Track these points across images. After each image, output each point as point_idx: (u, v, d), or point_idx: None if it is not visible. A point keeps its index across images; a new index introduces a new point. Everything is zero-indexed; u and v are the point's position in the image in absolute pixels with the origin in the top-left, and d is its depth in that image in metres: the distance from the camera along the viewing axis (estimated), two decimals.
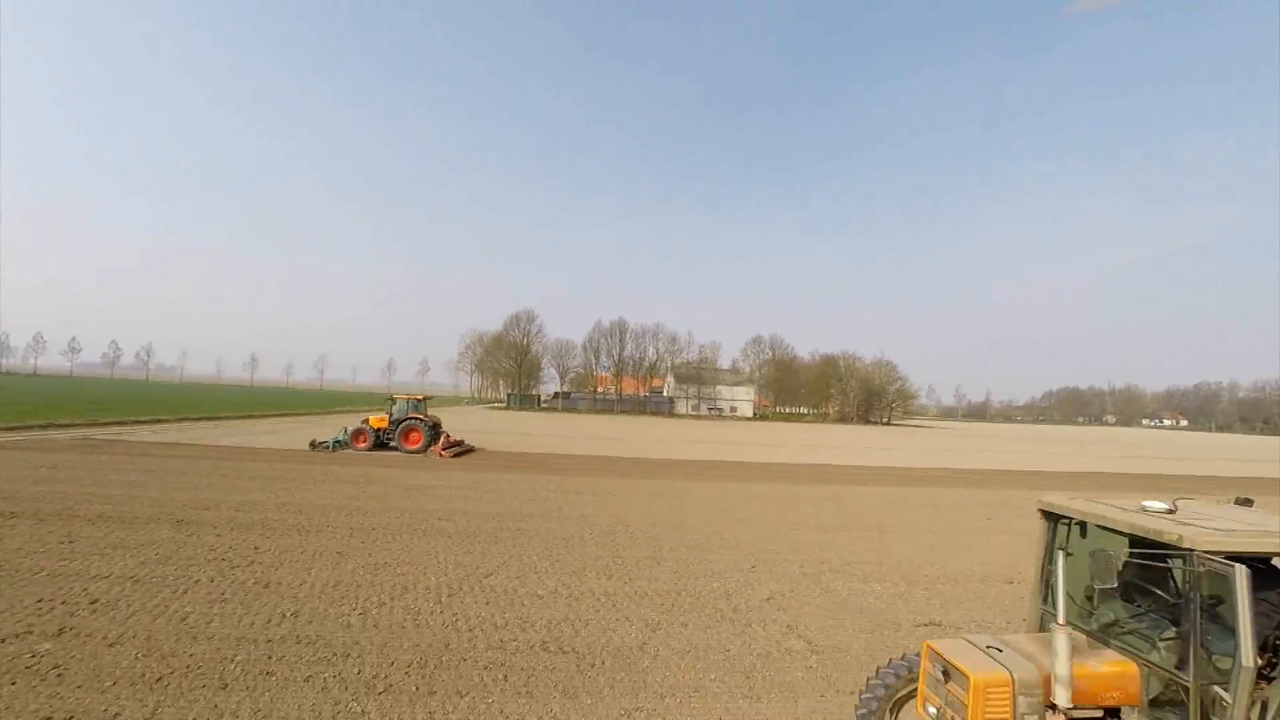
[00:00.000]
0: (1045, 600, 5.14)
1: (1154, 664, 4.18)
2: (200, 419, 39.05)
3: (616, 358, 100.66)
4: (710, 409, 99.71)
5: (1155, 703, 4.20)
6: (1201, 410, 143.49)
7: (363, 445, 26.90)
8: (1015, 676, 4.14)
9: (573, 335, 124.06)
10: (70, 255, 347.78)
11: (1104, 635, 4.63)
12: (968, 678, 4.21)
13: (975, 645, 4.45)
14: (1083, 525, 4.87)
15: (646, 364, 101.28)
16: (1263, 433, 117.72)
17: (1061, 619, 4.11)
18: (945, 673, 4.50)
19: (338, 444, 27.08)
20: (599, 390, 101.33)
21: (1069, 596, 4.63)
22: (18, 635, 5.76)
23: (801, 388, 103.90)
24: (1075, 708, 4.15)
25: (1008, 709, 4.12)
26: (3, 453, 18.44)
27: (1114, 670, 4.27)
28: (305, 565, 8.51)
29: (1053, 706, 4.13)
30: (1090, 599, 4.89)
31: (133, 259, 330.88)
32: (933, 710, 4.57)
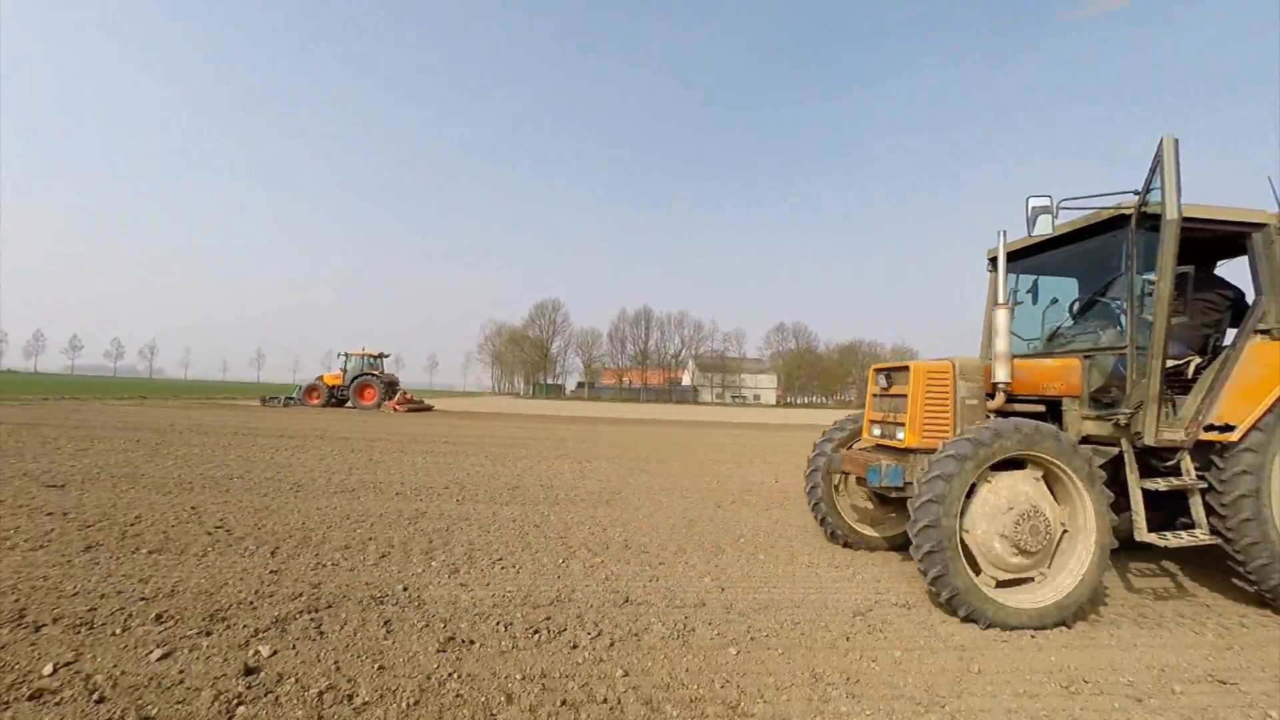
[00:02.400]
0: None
1: (1099, 349, 4.43)
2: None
3: (641, 347, 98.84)
4: (734, 396, 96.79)
5: (1096, 396, 4.38)
6: None
7: (316, 401, 26.36)
8: (956, 363, 4.41)
9: (596, 325, 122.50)
10: (71, 249, 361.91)
11: (1049, 348, 4.98)
12: (908, 368, 4.52)
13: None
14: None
15: (671, 352, 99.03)
16: None
17: (1002, 298, 4.31)
18: (888, 377, 4.80)
19: (290, 400, 26.40)
20: (625, 380, 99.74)
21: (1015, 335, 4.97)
22: None
23: (815, 378, 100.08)
24: (1016, 397, 4.40)
25: (948, 393, 4.34)
26: None
27: (1057, 364, 4.55)
28: None
29: (992, 394, 4.35)
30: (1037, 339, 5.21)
31: (136, 255, 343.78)
32: (877, 430, 4.84)
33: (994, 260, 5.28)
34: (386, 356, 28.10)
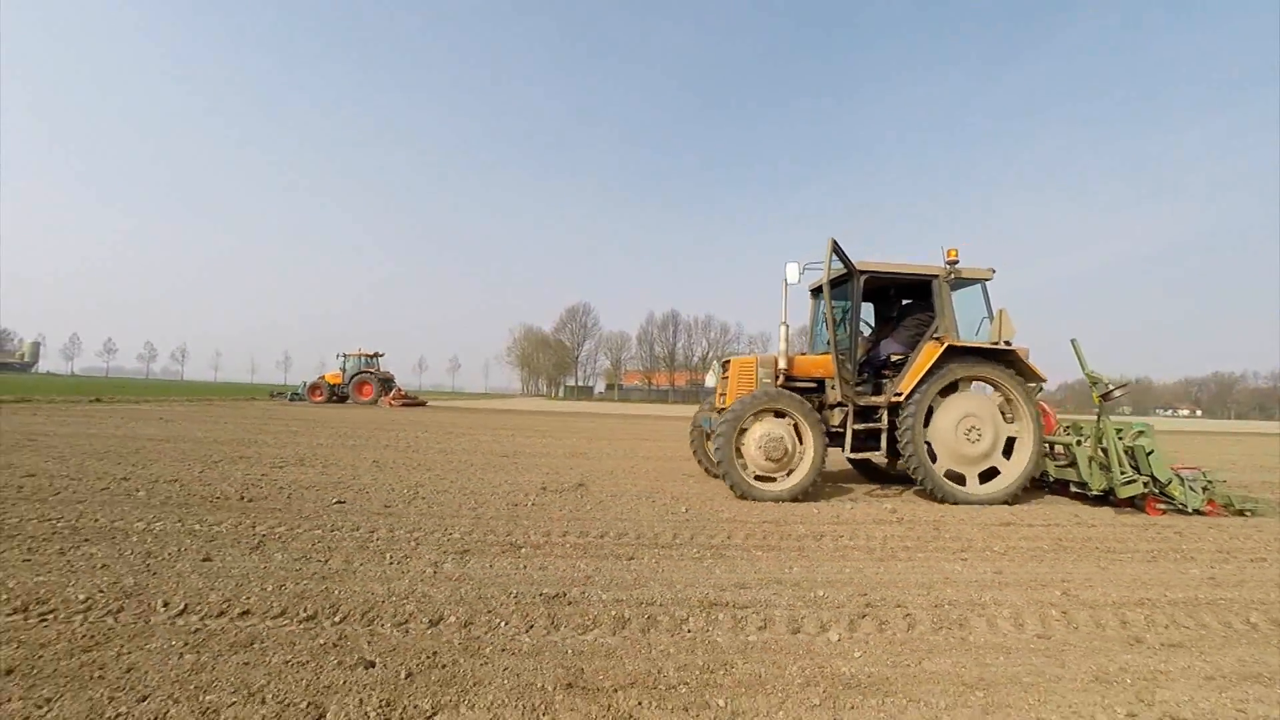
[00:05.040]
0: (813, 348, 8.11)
1: (841, 350, 6.72)
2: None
3: (669, 350, 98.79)
4: None
5: (842, 378, 6.56)
6: (1218, 400, 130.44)
7: (318, 399, 27.41)
8: (758, 358, 7.14)
9: (621, 327, 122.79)
10: (100, 255, 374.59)
11: (825, 349, 7.14)
12: (730, 361, 7.40)
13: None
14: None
15: (698, 355, 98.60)
16: None
17: (784, 318, 7.01)
18: (724, 367, 7.58)
19: (295, 396, 27.63)
20: (652, 382, 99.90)
21: (817, 337, 8.02)
22: None
23: None
24: (797, 378, 7.08)
25: (753, 377, 7.07)
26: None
27: (823, 358, 7.08)
28: None
29: (778, 376, 6.99)
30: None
31: (165, 260, 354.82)
32: (722, 400, 7.38)
33: (815, 291, 7.93)
34: (382, 355, 29.22)
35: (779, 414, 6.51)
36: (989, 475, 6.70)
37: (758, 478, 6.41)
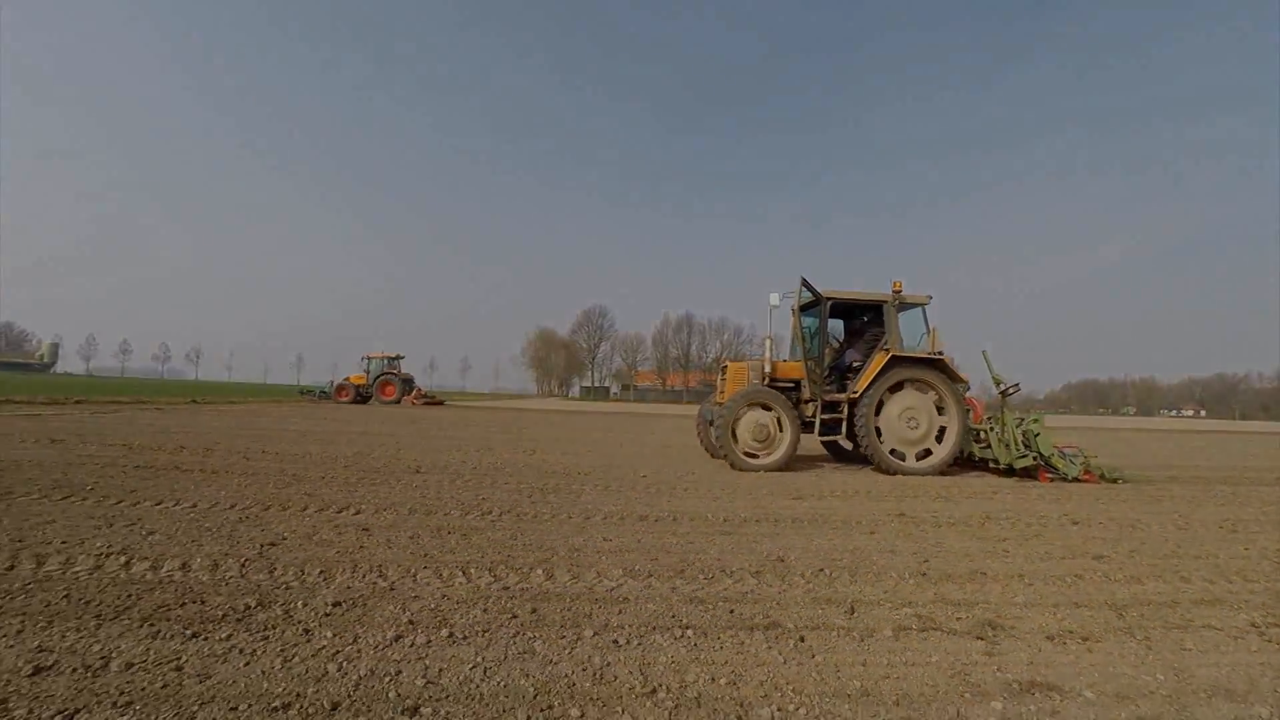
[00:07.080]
0: (792, 356, 9.82)
1: (811, 358, 8.78)
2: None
3: (684, 351, 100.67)
4: None
5: (811, 379, 8.66)
6: (1222, 400, 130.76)
7: (344, 399, 28.58)
8: (749, 362, 9.21)
9: (636, 328, 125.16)
10: (118, 258, 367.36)
11: (799, 359, 9.08)
12: (727, 365, 9.40)
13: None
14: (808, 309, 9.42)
15: (711, 356, 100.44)
16: None
17: (769, 332, 9.20)
18: (723, 370, 9.50)
19: (323, 394, 29.47)
20: (667, 382, 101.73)
21: (795, 348, 9.59)
22: None
23: None
24: (780, 379, 9.03)
25: (745, 378, 9.04)
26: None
27: (799, 364, 8.94)
28: None
29: (764, 377, 8.93)
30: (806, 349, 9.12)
31: (167, 260, 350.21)
32: (722, 395, 9.14)
33: (799, 308, 9.44)
34: (403, 357, 30.27)
35: (764, 406, 8.35)
36: (924, 454, 8.55)
37: (748, 454, 8.23)
